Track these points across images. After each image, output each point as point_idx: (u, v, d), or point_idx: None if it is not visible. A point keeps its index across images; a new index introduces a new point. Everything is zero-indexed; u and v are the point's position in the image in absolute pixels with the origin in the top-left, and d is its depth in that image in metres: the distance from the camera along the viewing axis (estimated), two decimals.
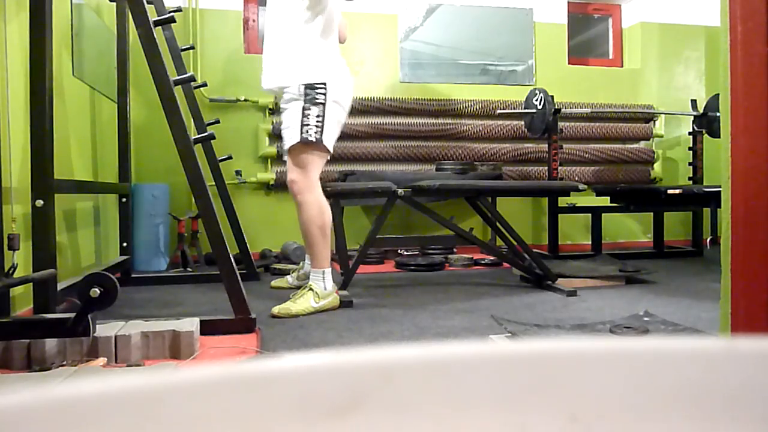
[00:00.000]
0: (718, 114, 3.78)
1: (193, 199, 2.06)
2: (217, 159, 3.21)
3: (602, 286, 2.87)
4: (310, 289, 2.34)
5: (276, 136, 3.93)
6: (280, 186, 3.90)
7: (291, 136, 2.38)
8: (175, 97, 1.97)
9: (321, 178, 2.46)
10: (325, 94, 2.34)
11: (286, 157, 2.51)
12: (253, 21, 4.15)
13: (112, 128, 3.13)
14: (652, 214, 4.13)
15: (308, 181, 2.36)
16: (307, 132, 2.32)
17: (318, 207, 2.36)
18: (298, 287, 2.57)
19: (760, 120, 1.21)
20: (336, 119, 2.41)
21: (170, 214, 3.45)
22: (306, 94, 2.33)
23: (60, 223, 2.37)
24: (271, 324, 2.12)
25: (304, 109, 2.33)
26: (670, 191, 3.46)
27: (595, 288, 2.81)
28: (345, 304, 2.42)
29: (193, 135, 2.26)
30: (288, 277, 2.93)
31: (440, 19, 4.31)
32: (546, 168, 4.01)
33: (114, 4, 3.05)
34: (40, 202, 1.72)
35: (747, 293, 1.26)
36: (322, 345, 1.86)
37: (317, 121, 2.33)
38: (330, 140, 2.39)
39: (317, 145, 2.34)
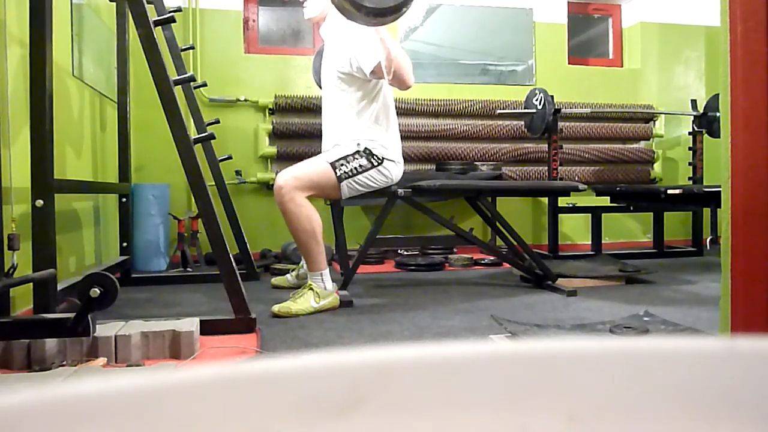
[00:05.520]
0: (718, 114, 3.77)
1: (193, 199, 2.06)
2: (217, 159, 3.21)
3: (602, 286, 2.87)
4: (310, 288, 2.34)
5: (276, 136, 3.93)
6: None
7: (328, 156, 2.43)
8: (175, 97, 1.97)
9: None
10: (379, 163, 2.45)
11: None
12: (253, 21, 4.15)
13: (112, 128, 3.13)
14: (652, 214, 4.13)
15: (297, 193, 2.32)
16: (341, 167, 2.39)
17: (306, 216, 2.33)
18: (298, 286, 2.57)
19: (760, 120, 1.21)
20: (371, 184, 2.48)
21: (170, 214, 3.45)
22: (365, 150, 2.44)
23: (60, 223, 2.37)
24: (271, 324, 2.12)
25: (356, 152, 2.43)
26: (670, 191, 3.46)
27: (595, 288, 2.81)
28: (345, 304, 2.42)
29: (193, 135, 2.26)
30: (288, 276, 2.93)
31: (440, 19, 4.31)
32: (546, 168, 4.01)
33: (114, 4, 3.05)
34: (40, 202, 1.72)
35: (747, 293, 1.26)
36: (322, 345, 1.86)
37: (355, 169, 2.41)
38: (348, 190, 2.43)
39: (336, 181, 2.38)
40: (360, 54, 2.33)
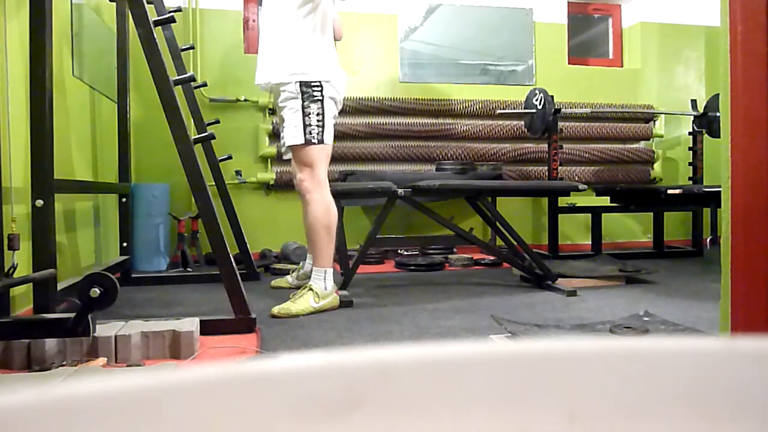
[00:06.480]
0: (718, 114, 3.77)
1: (193, 199, 2.06)
2: (217, 159, 3.21)
3: (602, 286, 2.87)
4: (310, 289, 2.34)
5: (276, 135, 3.93)
6: (280, 186, 3.91)
7: (294, 136, 2.38)
8: (175, 97, 1.97)
9: None
10: (321, 91, 2.38)
11: (287, 156, 2.54)
12: (253, 21, 4.15)
13: (112, 128, 3.13)
14: (652, 214, 4.13)
15: (316, 179, 2.38)
16: (311, 133, 2.36)
17: (325, 206, 2.39)
18: (298, 287, 2.57)
19: (760, 120, 1.21)
20: (332, 114, 2.46)
21: (170, 214, 3.45)
22: (303, 92, 2.37)
23: (60, 223, 2.37)
24: (271, 324, 2.12)
25: (304, 107, 2.37)
26: (670, 191, 3.46)
27: (595, 288, 2.81)
28: (345, 304, 2.42)
29: (193, 135, 2.26)
30: (288, 276, 2.93)
31: (440, 19, 4.31)
32: (546, 168, 4.02)
33: (114, 4, 3.05)
34: (40, 202, 1.72)
35: (747, 293, 1.26)
36: (322, 345, 1.86)
37: (318, 121, 2.37)
38: (330, 137, 2.43)
39: (318, 143, 2.37)
40: None
